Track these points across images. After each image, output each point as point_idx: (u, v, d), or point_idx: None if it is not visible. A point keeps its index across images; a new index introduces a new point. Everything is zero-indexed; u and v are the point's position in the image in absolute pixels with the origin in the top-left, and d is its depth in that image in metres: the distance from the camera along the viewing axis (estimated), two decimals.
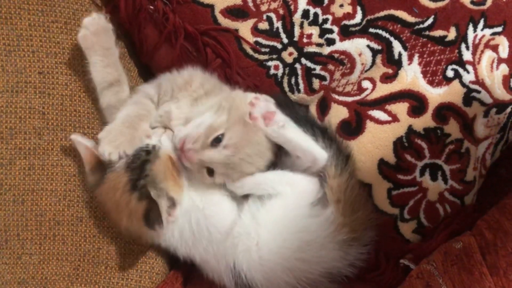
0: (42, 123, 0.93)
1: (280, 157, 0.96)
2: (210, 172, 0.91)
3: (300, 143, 0.93)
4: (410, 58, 1.01)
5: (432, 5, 1.00)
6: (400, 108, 1.01)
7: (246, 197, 0.96)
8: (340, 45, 1.02)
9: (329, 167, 0.94)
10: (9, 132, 0.91)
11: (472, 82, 1.00)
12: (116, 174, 0.89)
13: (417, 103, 1.01)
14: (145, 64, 1.07)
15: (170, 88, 0.96)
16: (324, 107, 1.04)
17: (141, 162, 0.89)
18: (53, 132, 0.94)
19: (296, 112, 0.99)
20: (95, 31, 0.91)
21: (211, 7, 1.01)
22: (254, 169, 0.92)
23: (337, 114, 1.03)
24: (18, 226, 0.92)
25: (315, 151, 0.94)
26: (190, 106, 0.95)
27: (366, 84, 1.03)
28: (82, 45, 0.92)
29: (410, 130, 1.01)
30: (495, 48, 1.00)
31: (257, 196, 0.94)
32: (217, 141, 0.89)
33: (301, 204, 0.93)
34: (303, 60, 1.03)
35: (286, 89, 1.03)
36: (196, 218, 0.94)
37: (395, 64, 1.01)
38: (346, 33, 1.02)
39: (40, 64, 0.92)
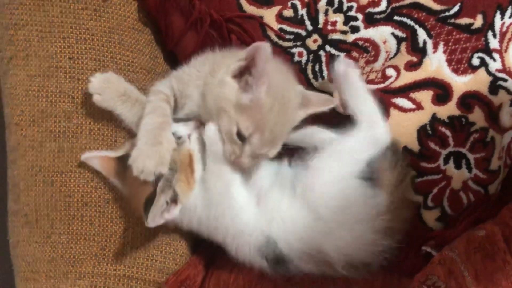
0: (71, 107, 0.96)
1: None
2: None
3: (364, 95, 0.95)
4: (435, 46, 1.00)
5: None
6: (424, 96, 1.01)
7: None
8: (364, 33, 1.02)
9: (383, 159, 0.94)
10: (40, 115, 0.94)
11: (499, 71, 0.99)
12: None
13: (442, 91, 1.00)
14: (171, 50, 1.09)
15: (181, 87, 0.95)
16: None
17: None
18: (82, 116, 0.96)
19: None
20: (104, 88, 0.92)
21: None
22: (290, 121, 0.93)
23: None
24: (48, 206, 0.96)
25: (377, 114, 0.95)
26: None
27: (390, 72, 1.03)
28: (101, 107, 0.93)
29: (434, 118, 1.00)
30: None
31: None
32: (241, 138, 0.88)
33: (352, 159, 0.93)
34: (327, 47, 1.03)
35: (310, 76, 1.03)
36: None
37: (420, 52, 1.01)
38: (371, 20, 1.02)
39: (70, 50, 0.95)
